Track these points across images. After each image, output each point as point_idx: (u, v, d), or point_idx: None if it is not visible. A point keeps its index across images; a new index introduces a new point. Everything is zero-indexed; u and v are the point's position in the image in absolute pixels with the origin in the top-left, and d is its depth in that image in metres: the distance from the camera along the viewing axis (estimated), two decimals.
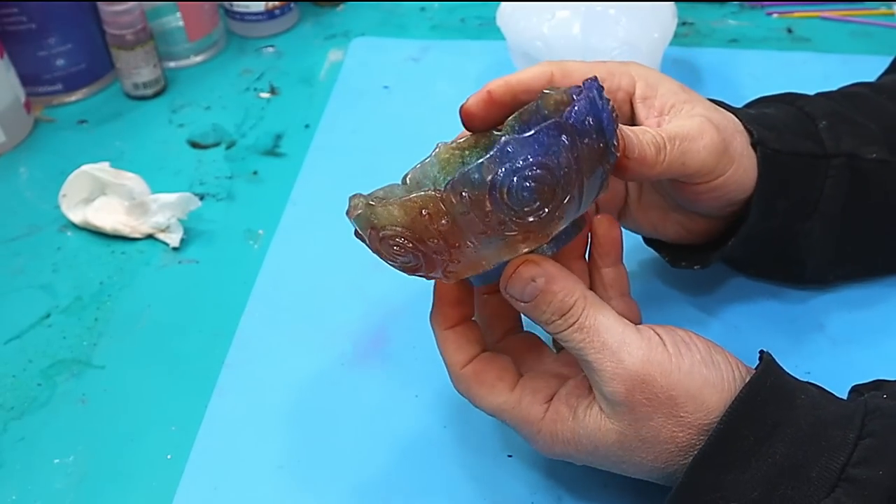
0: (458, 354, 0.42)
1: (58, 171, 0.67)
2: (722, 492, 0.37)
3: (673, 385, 0.37)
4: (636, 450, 0.39)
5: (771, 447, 0.37)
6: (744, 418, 0.37)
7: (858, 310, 0.54)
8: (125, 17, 0.72)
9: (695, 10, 0.84)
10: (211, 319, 0.56)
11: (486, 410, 0.42)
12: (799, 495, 0.36)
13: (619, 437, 0.39)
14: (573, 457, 0.41)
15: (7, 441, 0.50)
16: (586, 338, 0.38)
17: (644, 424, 0.38)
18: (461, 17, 0.86)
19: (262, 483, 0.47)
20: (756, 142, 0.46)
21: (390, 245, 0.37)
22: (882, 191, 0.49)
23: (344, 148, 0.70)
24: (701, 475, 0.37)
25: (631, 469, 0.40)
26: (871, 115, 0.50)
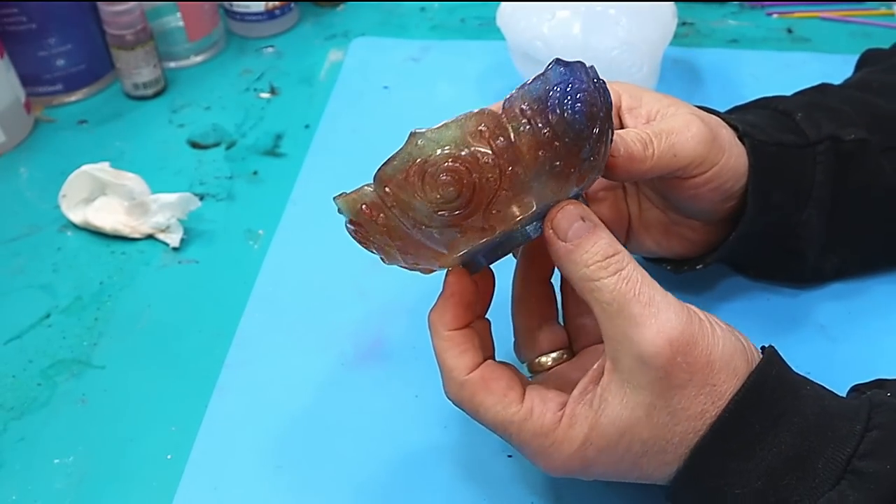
0: (463, 359, 0.39)
1: (58, 171, 0.67)
2: (726, 479, 0.36)
3: (711, 349, 0.36)
4: (663, 428, 0.36)
5: (777, 436, 0.36)
6: (750, 405, 0.36)
7: (858, 310, 0.54)
8: (125, 17, 0.72)
9: (695, 10, 0.84)
10: (211, 319, 0.56)
11: (490, 423, 0.39)
12: (803, 486, 0.36)
13: (648, 411, 0.36)
14: (590, 463, 0.38)
15: (7, 441, 0.50)
16: (632, 289, 0.36)
17: (677, 393, 0.36)
18: (461, 17, 0.86)
19: (262, 483, 0.47)
20: (742, 134, 0.47)
21: (438, 176, 0.35)
22: (864, 170, 0.49)
23: (344, 148, 0.70)
24: (705, 461, 0.36)
25: (652, 464, 0.38)
26: (844, 102, 0.51)
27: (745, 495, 0.36)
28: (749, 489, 0.36)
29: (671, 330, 0.36)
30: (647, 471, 0.38)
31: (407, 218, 0.36)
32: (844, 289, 0.54)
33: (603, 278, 0.37)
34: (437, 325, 0.40)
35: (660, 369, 0.36)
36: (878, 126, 0.50)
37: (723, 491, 0.37)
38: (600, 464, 0.38)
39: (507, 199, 0.36)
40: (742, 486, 0.36)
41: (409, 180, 0.35)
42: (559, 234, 0.38)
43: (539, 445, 0.38)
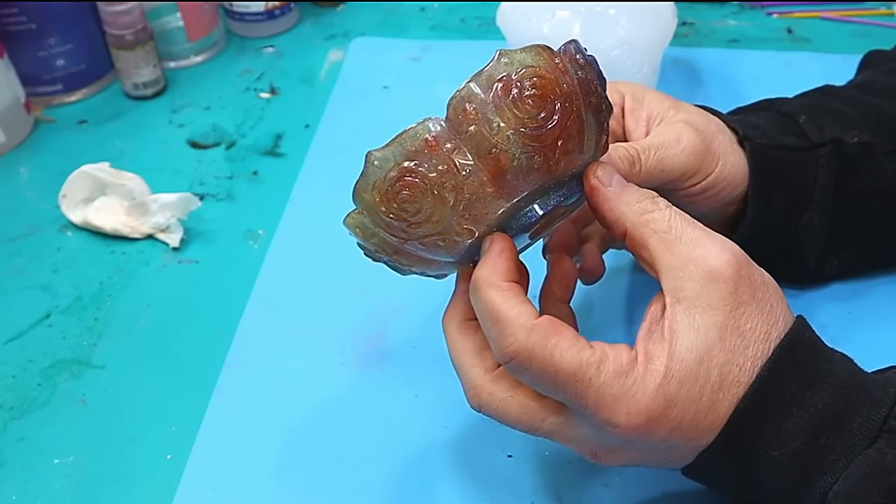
0: (527, 306, 0.36)
1: (58, 171, 0.67)
2: (763, 440, 0.36)
3: (762, 271, 0.38)
4: (735, 351, 0.36)
5: (812, 396, 0.36)
6: (786, 367, 0.36)
7: (859, 310, 0.54)
8: (125, 18, 0.72)
9: (695, 10, 0.84)
10: (211, 319, 0.56)
11: (566, 369, 0.35)
12: (840, 445, 0.36)
13: (720, 333, 0.36)
14: (672, 402, 0.35)
15: (7, 441, 0.50)
16: (686, 218, 0.38)
17: (745, 311, 0.36)
18: (461, 17, 0.86)
19: (262, 483, 0.47)
20: (743, 138, 0.47)
21: (523, 92, 0.35)
22: (868, 173, 0.49)
23: (344, 148, 0.70)
24: (742, 424, 0.36)
25: (725, 402, 0.36)
26: (847, 104, 0.51)
27: (782, 456, 0.36)
28: (787, 450, 0.36)
29: (732, 247, 0.37)
30: (721, 412, 0.36)
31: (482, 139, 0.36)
32: (845, 289, 0.54)
33: (657, 210, 0.38)
34: (490, 278, 0.37)
35: (729, 282, 0.36)
36: (881, 129, 0.50)
37: (757, 454, 0.36)
38: (682, 403, 0.36)
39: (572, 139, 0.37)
40: (779, 447, 0.36)
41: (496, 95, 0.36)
42: (604, 181, 0.39)
43: (621, 386, 0.35)
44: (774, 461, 0.36)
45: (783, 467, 0.36)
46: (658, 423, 0.36)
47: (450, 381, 0.51)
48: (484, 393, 0.39)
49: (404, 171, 0.36)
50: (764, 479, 0.37)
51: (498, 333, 0.36)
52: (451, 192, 0.36)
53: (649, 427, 0.36)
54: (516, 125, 0.35)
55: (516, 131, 0.35)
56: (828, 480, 0.36)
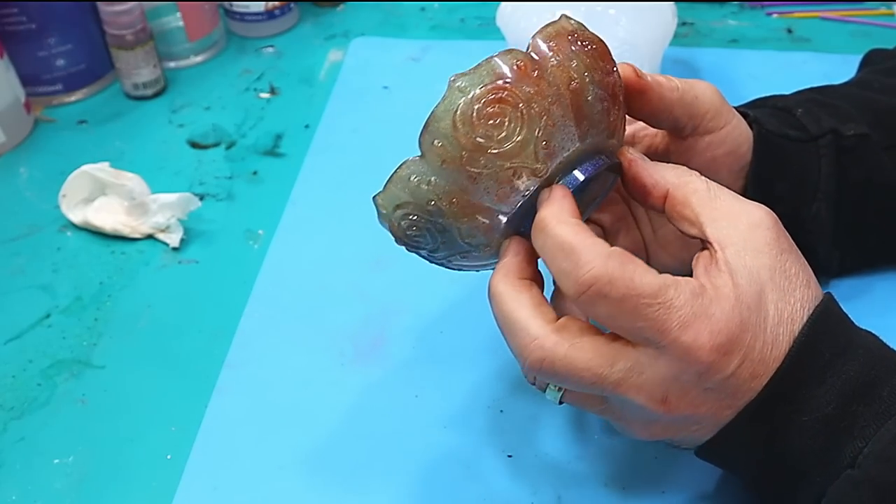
0: (599, 238, 0.36)
1: (58, 171, 0.67)
2: (796, 405, 0.37)
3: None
4: (784, 291, 0.37)
5: (845, 364, 0.37)
6: (821, 335, 0.37)
7: (859, 309, 0.53)
8: (125, 18, 0.72)
9: (695, 10, 0.84)
10: (211, 319, 0.56)
11: (647, 291, 0.35)
12: (870, 412, 0.36)
13: (770, 274, 0.37)
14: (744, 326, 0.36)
15: (7, 441, 0.50)
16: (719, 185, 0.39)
17: (787, 257, 0.38)
18: (461, 17, 0.86)
19: (262, 483, 0.47)
20: (752, 120, 0.48)
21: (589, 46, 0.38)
22: (866, 165, 0.50)
23: (344, 148, 0.70)
24: (779, 389, 0.37)
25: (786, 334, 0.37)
26: (843, 99, 0.52)
27: (813, 422, 0.37)
28: (819, 415, 0.37)
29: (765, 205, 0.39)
30: (781, 346, 0.37)
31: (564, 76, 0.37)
32: (845, 288, 0.54)
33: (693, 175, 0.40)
34: (560, 215, 0.37)
35: (771, 229, 0.38)
36: (879, 124, 0.50)
37: (789, 419, 0.37)
38: (751, 328, 0.36)
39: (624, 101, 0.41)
40: (811, 413, 0.37)
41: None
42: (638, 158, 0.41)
43: (700, 306, 0.35)
44: (805, 427, 0.37)
45: (813, 433, 0.37)
46: (735, 346, 0.36)
47: (450, 381, 0.51)
48: (548, 343, 0.36)
49: (495, 89, 0.36)
50: (791, 445, 0.38)
51: (573, 264, 0.35)
52: (538, 116, 0.36)
53: (729, 348, 0.35)
54: (590, 66, 0.38)
55: (590, 72, 0.38)
56: (858, 445, 0.36)
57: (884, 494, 0.35)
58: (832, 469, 0.37)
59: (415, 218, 0.38)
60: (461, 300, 0.56)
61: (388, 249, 0.60)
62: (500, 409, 0.50)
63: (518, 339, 0.37)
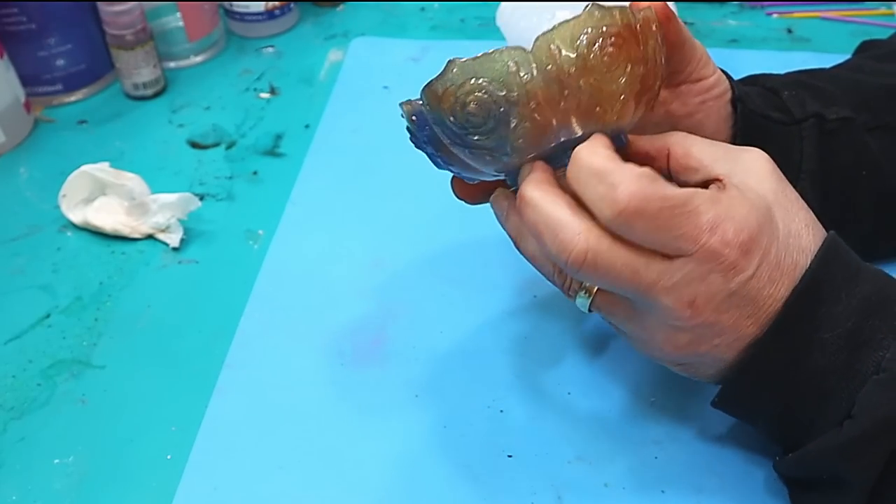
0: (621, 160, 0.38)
1: (58, 171, 0.67)
2: (815, 323, 0.39)
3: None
4: (790, 212, 0.40)
5: (858, 285, 0.40)
6: (833, 260, 0.40)
7: None
8: (125, 18, 0.72)
9: (695, 10, 0.84)
10: (211, 319, 0.56)
11: (678, 200, 0.37)
12: (887, 326, 0.39)
13: (775, 196, 0.40)
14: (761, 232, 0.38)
15: (7, 441, 0.50)
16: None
17: (786, 186, 0.41)
18: (461, 17, 0.86)
19: (262, 483, 0.47)
20: (736, 98, 0.49)
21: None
22: (850, 148, 0.51)
23: (344, 148, 0.70)
24: (798, 309, 0.39)
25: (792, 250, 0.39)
26: (830, 82, 0.53)
27: (835, 338, 0.39)
28: (839, 330, 0.39)
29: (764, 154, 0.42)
30: (793, 256, 0.39)
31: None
32: None
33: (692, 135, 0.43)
34: (594, 148, 0.38)
35: (769, 161, 0.41)
36: (865, 105, 0.52)
37: (810, 339, 0.39)
38: (766, 232, 0.39)
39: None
40: (831, 329, 0.39)
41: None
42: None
43: (723, 207, 0.38)
44: (826, 343, 0.39)
45: (835, 349, 0.39)
46: (755, 245, 0.38)
47: (450, 381, 0.51)
48: (592, 237, 0.37)
49: (620, 35, 0.39)
50: (815, 364, 0.39)
51: (609, 187, 0.36)
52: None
53: (750, 246, 0.38)
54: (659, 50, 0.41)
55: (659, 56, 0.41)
56: (879, 355, 0.38)
57: None
58: (857, 381, 0.39)
59: (486, 98, 0.38)
60: (461, 300, 0.56)
61: (388, 249, 0.60)
62: (500, 409, 0.50)
63: (562, 235, 0.38)
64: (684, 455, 0.47)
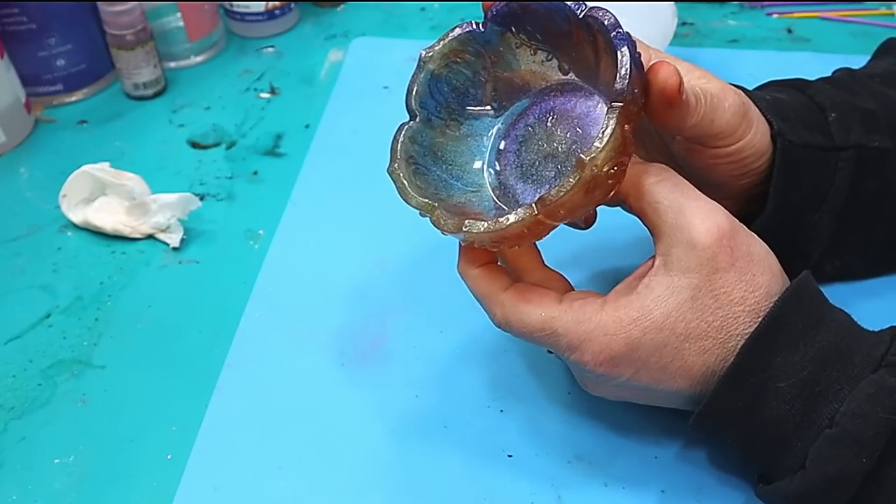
0: (497, 282, 0.42)
1: (58, 171, 0.67)
2: (770, 372, 0.39)
3: (751, 243, 0.41)
4: (706, 310, 0.39)
5: (818, 334, 0.39)
6: (794, 307, 0.40)
7: (859, 311, 0.53)
8: (125, 18, 0.72)
9: (695, 10, 0.84)
10: (211, 319, 0.56)
11: (535, 325, 0.41)
12: (844, 376, 0.39)
13: (693, 293, 0.39)
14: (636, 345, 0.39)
15: (7, 441, 0.50)
16: (683, 192, 0.40)
17: (721, 276, 0.39)
18: (461, 17, 0.86)
19: (262, 483, 0.47)
20: (777, 133, 0.46)
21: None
22: (881, 177, 0.50)
23: (344, 148, 0.70)
24: (753, 355, 0.39)
25: (693, 351, 0.40)
26: (876, 101, 0.50)
27: (790, 387, 0.39)
28: (794, 380, 0.39)
29: (718, 217, 0.40)
30: (689, 360, 0.40)
31: None
32: (845, 290, 0.54)
33: (661, 182, 0.41)
34: (464, 270, 0.43)
35: (707, 249, 0.39)
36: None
37: (765, 386, 0.39)
38: (645, 348, 0.39)
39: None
40: (787, 378, 0.39)
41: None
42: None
43: (583, 331, 0.40)
44: (782, 393, 0.39)
45: (791, 398, 0.39)
46: (621, 363, 0.40)
47: (450, 381, 0.51)
48: (503, 316, 0.43)
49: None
50: (771, 412, 0.39)
51: (484, 309, 0.43)
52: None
53: (613, 366, 0.40)
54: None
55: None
56: (834, 406, 0.38)
57: (861, 449, 0.37)
58: (811, 432, 0.38)
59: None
60: (461, 300, 0.56)
61: (389, 249, 0.60)
62: (500, 409, 0.50)
63: (486, 308, 0.44)
64: (684, 455, 0.47)
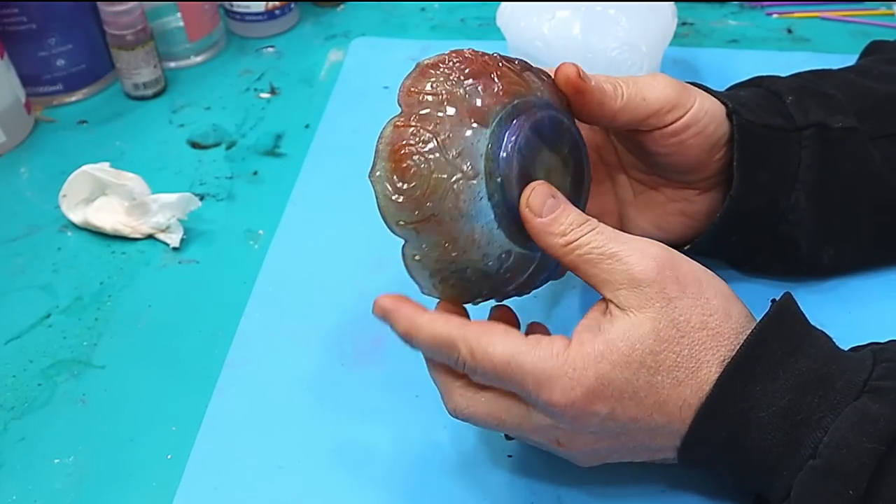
0: (453, 321, 0.40)
1: (58, 171, 0.67)
2: (750, 402, 0.38)
3: (695, 269, 0.40)
4: (671, 341, 0.38)
5: (797, 361, 0.38)
6: (773, 334, 0.39)
7: (858, 310, 0.54)
8: (125, 18, 0.72)
9: (695, 10, 0.84)
10: (211, 319, 0.56)
11: (500, 359, 0.38)
12: (826, 403, 0.38)
13: (654, 325, 0.38)
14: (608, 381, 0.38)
15: (7, 441, 0.50)
16: (610, 237, 0.40)
17: (676, 305, 0.38)
18: (461, 17, 0.86)
19: (262, 483, 0.47)
20: (731, 111, 0.48)
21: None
22: (853, 158, 0.50)
23: (344, 148, 0.70)
24: (731, 386, 0.38)
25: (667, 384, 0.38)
26: (837, 88, 0.52)
27: (770, 416, 0.38)
28: (775, 408, 0.38)
29: (654, 251, 0.39)
30: (663, 393, 0.38)
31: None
32: (845, 289, 0.54)
33: (581, 236, 0.40)
34: (408, 324, 0.41)
35: (653, 284, 0.38)
36: (871, 113, 0.51)
37: (746, 417, 0.38)
38: (616, 383, 0.38)
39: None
40: (767, 408, 0.38)
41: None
42: (534, 210, 0.40)
43: (551, 367, 0.38)
44: (763, 423, 0.38)
45: (772, 428, 0.38)
46: (595, 399, 0.38)
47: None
48: (455, 396, 0.41)
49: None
50: (753, 445, 0.38)
51: (441, 350, 0.40)
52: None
53: (587, 402, 0.38)
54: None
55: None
56: (817, 436, 0.37)
57: (846, 481, 0.36)
58: (795, 462, 0.38)
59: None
60: None
61: (389, 249, 0.60)
62: None
63: (441, 393, 0.43)
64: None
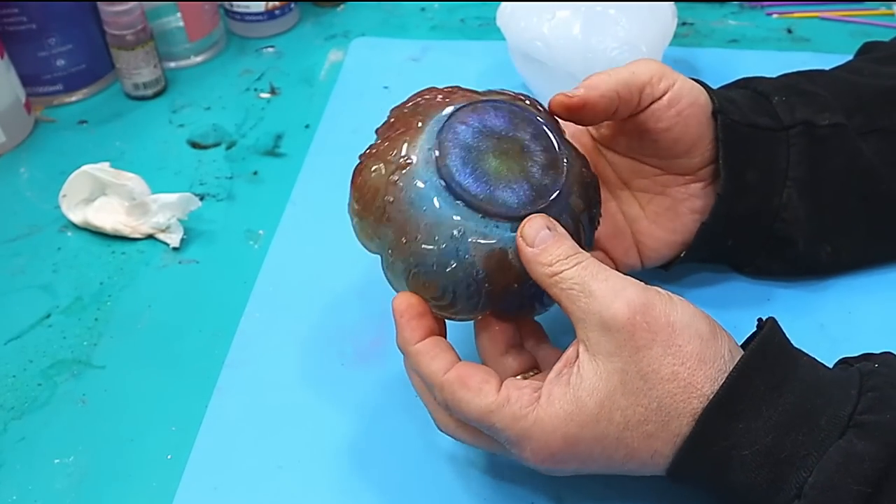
0: (437, 362, 0.41)
1: (58, 171, 0.67)
2: (732, 440, 0.37)
3: (669, 312, 0.38)
4: (639, 393, 0.38)
5: (781, 396, 0.38)
6: (755, 369, 0.38)
7: (858, 309, 0.54)
8: (125, 18, 0.72)
9: (695, 10, 0.84)
10: (211, 319, 0.56)
11: (473, 416, 0.39)
12: (810, 440, 0.37)
13: (621, 377, 0.38)
14: (575, 441, 0.38)
15: (7, 441, 0.50)
16: (591, 272, 0.39)
17: (645, 354, 0.38)
18: (461, 17, 0.86)
19: (262, 483, 0.47)
20: (717, 110, 0.48)
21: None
22: (842, 154, 0.50)
23: (344, 148, 0.69)
24: (713, 423, 0.37)
25: (636, 437, 0.38)
26: (824, 86, 0.52)
27: (754, 455, 0.37)
28: (758, 447, 0.37)
29: (628, 294, 0.38)
30: (633, 446, 0.39)
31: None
32: (844, 288, 0.54)
33: (566, 269, 0.40)
34: (403, 343, 0.42)
35: (622, 330, 0.38)
36: (860, 109, 0.51)
37: (729, 455, 0.37)
38: (585, 442, 0.38)
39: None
40: (750, 446, 0.37)
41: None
42: (527, 240, 0.40)
43: (520, 428, 0.38)
44: (746, 461, 0.37)
45: (755, 466, 0.37)
46: (564, 459, 0.39)
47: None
48: (439, 418, 0.43)
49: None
50: (737, 481, 0.38)
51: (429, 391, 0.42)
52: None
53: (556, 462, 0.39)
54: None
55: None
56: (802, 475, 0.37)
57: None
58: (780, 499, 0.37)
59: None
60: None
61: None
62: None
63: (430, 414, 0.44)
64: None
